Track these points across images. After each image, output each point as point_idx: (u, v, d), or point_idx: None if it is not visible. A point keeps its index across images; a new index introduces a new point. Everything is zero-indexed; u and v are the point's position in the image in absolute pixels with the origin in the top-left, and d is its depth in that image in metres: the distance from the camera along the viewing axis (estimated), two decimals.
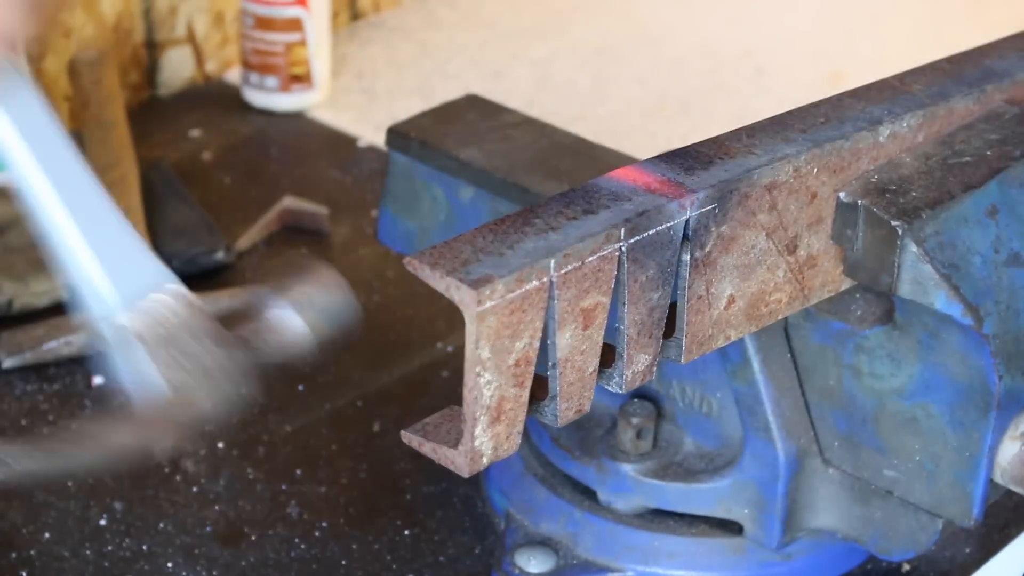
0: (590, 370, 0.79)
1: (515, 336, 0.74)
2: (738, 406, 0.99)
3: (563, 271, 0.75)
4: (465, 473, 0.77)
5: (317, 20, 1.62)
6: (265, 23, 1.61)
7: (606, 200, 0.80)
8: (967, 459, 0.91)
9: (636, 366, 0.82)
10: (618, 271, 0.78)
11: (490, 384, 0.75)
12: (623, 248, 0.78)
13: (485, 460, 0.77)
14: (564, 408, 0.79)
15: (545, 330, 0.76)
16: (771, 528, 1.00)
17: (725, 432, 1.01)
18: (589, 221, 0.78)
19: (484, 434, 0.76)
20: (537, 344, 0.76)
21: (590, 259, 0.76)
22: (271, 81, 1.63)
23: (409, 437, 0.78)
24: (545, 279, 0.74)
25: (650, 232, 0.79)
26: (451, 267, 0.73)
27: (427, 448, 0.78)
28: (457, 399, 1.22)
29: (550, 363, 0.78)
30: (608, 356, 0.81)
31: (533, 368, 0.77)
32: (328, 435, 1.16)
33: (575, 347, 0.78)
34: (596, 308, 0.78)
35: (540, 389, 0.79)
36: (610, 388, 0.82)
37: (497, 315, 0.73)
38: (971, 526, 0.93)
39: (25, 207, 0.92)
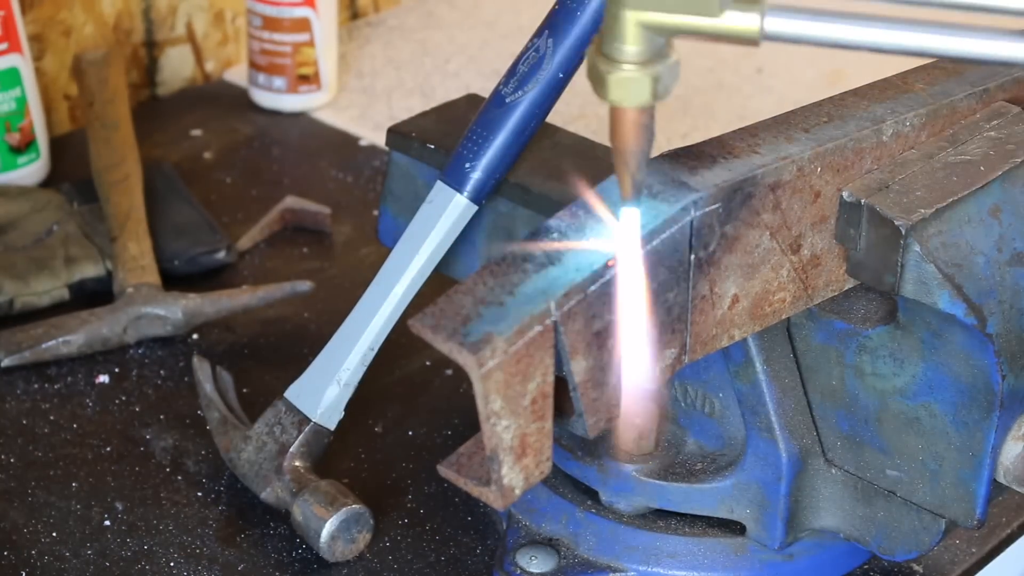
0: (613, 381, 0.79)
1: (526, 379, 0.74)
2: (741, 406, 0.98)
3: (566, 308, 0.75)
4: (500, 507, 0.77)
5: (325, 20, 1.62)
6: (273, 23, 1.60)
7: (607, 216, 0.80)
8: (970, 459, 0.91)
9: (664, 361, 0.81)
10: None
11: (508, 428, 0.74)
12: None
13: (518, 492, 0.77)
14: (593, 422, 0.79)
15: (559, 359, 0.76)
16: (773, 528, 1.00)
17: (727, 432, 1.01)
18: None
19: (512, 471, 0.76)
20: (552, 378, 0.75)
21: (592, 288, 0.76)
22: (279, 82, 1.62)
23: (445, 471, 0.78)
24: (548, 321, 0.74)
25: (653, 243, 0.79)
26: (452, 328, 0.73)
27: (461, 483, 0.78)
28: (460, 399, 1.23)
29: (570, 387, 0.77)
30: None
31: (551, 399, 0.76)
32: None
33: (593, 367, 0.77)
34: (608, 327, 0.77)
35: (569, 404, 0.79)
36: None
37: (503, 369, 0.72)
38: (974, 526, 0.93)
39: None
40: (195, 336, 1.28)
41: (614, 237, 0.77)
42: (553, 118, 1.10)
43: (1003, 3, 0.69)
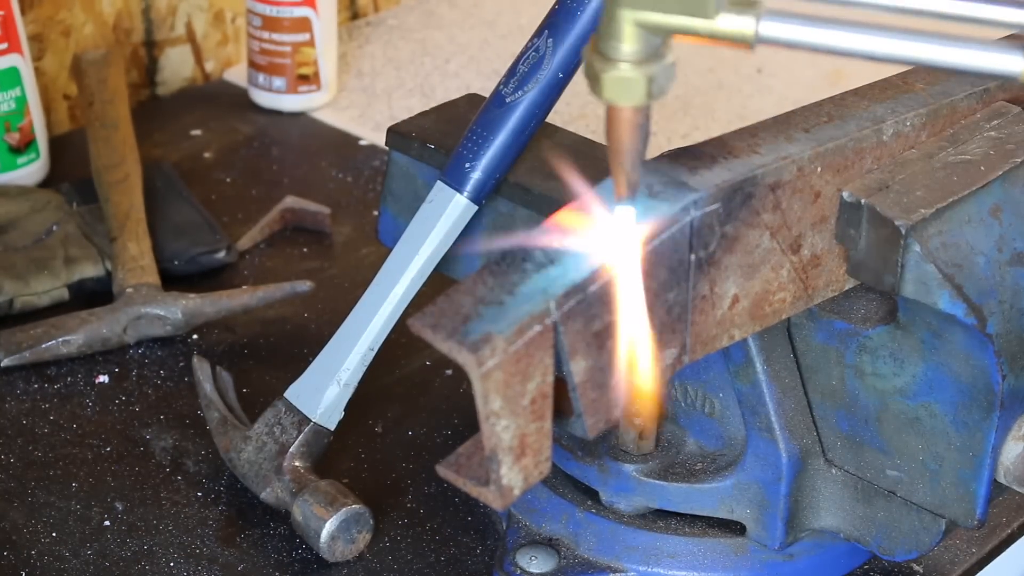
0: (612, 382, 0.79)
1: (526, 379, 0.74)
2: (741, 406, 0.98)
3: (565, 308, 0.75)
4: (499, 507, 0.77)
5: (325, 20, 1.62)
6: (272, 23, 1.60)
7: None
8: (970, 459, 0.91)
9: (664, 361, 0.81)
10: None
11: (508, 428, 0.74)
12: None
13: (517, 492, 0.77)
14: (592, 423, 0.79)
15: (559, 359, 0.76)
16: (773, 528, 1.00)
17: (727, 432, 1.01)
18: None
19: (511, 471, 0.76)
20: (551, 378, 0.75)
21: (592, 288, 0.76)
22: (279, 82, 1.62)
23: (444, 471, 0.78)
24: (548, 321, 0.74)
25: (654, 243, 0.79)
26: (451, 328, 0.72)
27: (460, 483, 0.78)
28: (460, 399, 1.23)
29: (569, 387, 0.77)
30: None
31: (551, 399, 0.76)
32: None
33: (592, 367, 0.77)
34: (608, 327, 0.77)
35: (568, 404, 0.78)
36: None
37: (502, 368, 0.72)
38: (974, 526, 0.93)
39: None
40: (195, 336, 1.28)
41: (612, 237, 0.77)
42: (553, 118, 1.10)
43: (995, 16, 0.70)
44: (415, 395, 1.22)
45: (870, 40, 0.71)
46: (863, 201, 0.86)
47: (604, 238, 0.77)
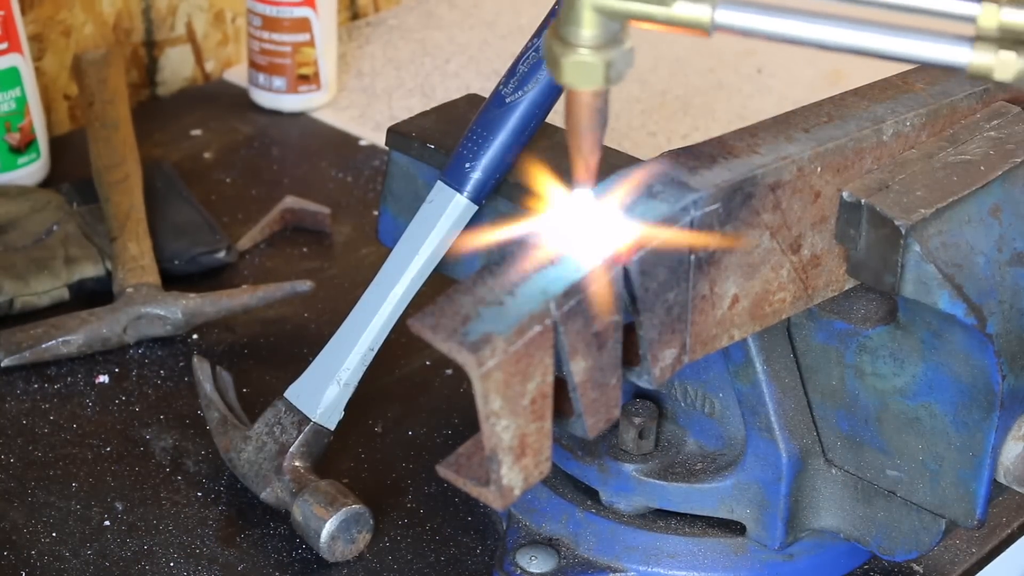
0: (612, 382, 0.79)
1: (526, 379, 0.74)
2: (741, 406, 0.98)
3: (566, 308, 0.75)
4: (499, 508, 0.77)
5: (325, 20, 1.62)
6: (273, 23, 1.60)
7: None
8: (970, 459, 0.91)
9: (663, 362, 0.81)
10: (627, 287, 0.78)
11: (508, 428, 0.74)
12: (627, 267, 0.77)
13: (517, 492, 0.77)
14: (592, 423, 0.79)
15: (559, 359, 0.76)
16: (773, 528, 1.00)
17: (727, 432, 1.01)
18: None
19: (511, 471, 0.76)
20: (551, 378, 0.75)
21: (593, 288, 0.76)
22: (279, 82, 1.62)
23: (444, 471, 0.78)
24: (548, 321, 0.74)
25: (654, 243, 0.79)
26: (451, 328, 0.72)
27: (461, 483, 0.78)
28: (460, 399, 1.23)
29: (569, 387, 0.77)
30: (635, 353, 0.81)
31: (551, 399, 0.76)
32: None
33: (592, 367, 0.77)
34: (608, 327, 0.77)
35: (568, 405, 0.78)
36: (641, 384, 0.82)
37: (502, 369, 0.72)
38: (974, 526, 0.93)
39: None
40: (195, 336, 1.28)
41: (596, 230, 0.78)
42: (553, 118, 1.10)
43: (947, 8, 0.71)
44: (415, 395, 1.22)
45: (822, 29, 0.73)
46: (863, 201, 0.86)
47: (600, 236, 0.77)
